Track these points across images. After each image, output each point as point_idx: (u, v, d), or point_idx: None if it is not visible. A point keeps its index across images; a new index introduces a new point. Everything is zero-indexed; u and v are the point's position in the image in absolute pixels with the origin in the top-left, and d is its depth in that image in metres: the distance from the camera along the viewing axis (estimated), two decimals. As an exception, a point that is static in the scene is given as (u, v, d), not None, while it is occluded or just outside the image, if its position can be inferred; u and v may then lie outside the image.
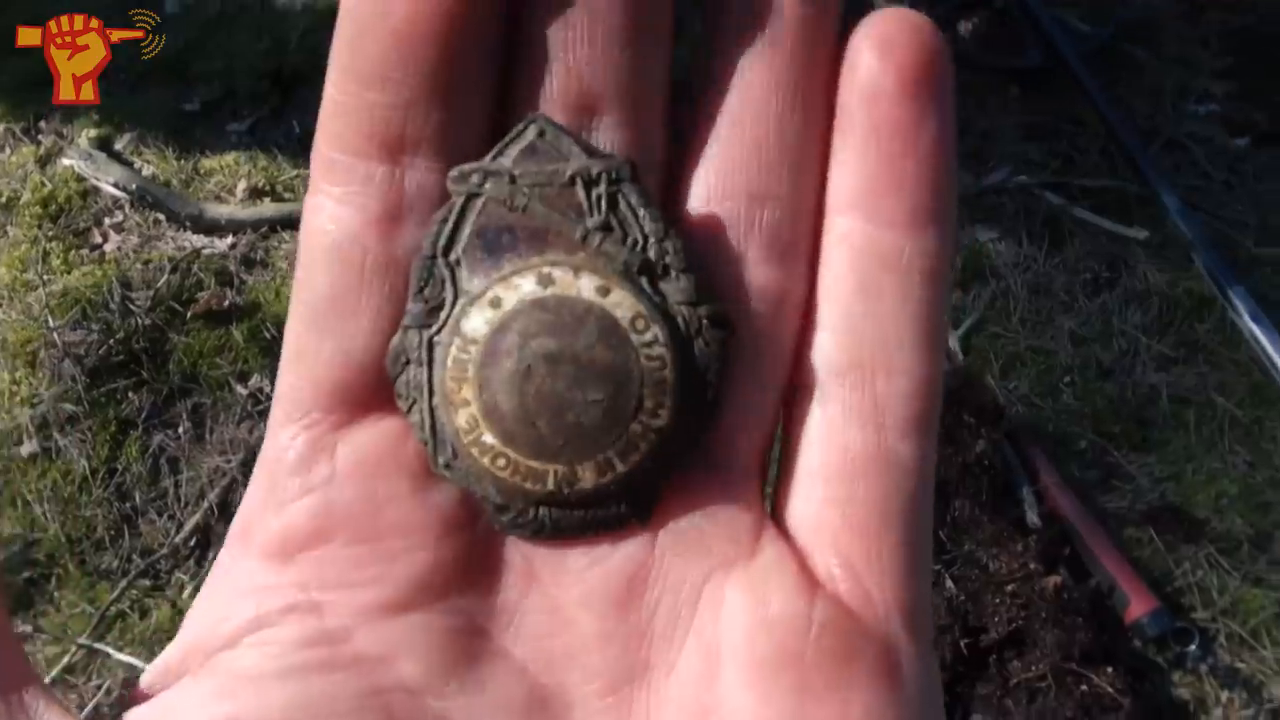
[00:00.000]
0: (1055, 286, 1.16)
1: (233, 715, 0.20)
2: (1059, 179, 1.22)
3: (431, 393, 0.21)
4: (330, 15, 0.21)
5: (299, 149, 1.31)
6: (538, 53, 0.21)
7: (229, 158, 1.30)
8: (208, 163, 1.30)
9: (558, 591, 0.22)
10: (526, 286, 0.21)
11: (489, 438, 0.21)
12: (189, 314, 1.17)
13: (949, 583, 0.96)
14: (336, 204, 0.21)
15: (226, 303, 1.17)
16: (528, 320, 0.21)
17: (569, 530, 0.21)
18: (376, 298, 0.21)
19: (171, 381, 1.13)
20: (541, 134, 0.21)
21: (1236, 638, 0.98)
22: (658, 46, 0.21)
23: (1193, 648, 0.95)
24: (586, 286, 0.21)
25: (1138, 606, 0.95)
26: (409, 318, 0.21)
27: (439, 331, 0.21)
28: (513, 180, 0.21)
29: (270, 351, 1.15)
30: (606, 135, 0.21)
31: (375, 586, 0.21)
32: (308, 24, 1.37)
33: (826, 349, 0.22)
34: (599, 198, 0.21)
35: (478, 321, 0.21)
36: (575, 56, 0.21)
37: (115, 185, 1.25)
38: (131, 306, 1.17)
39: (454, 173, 0.21)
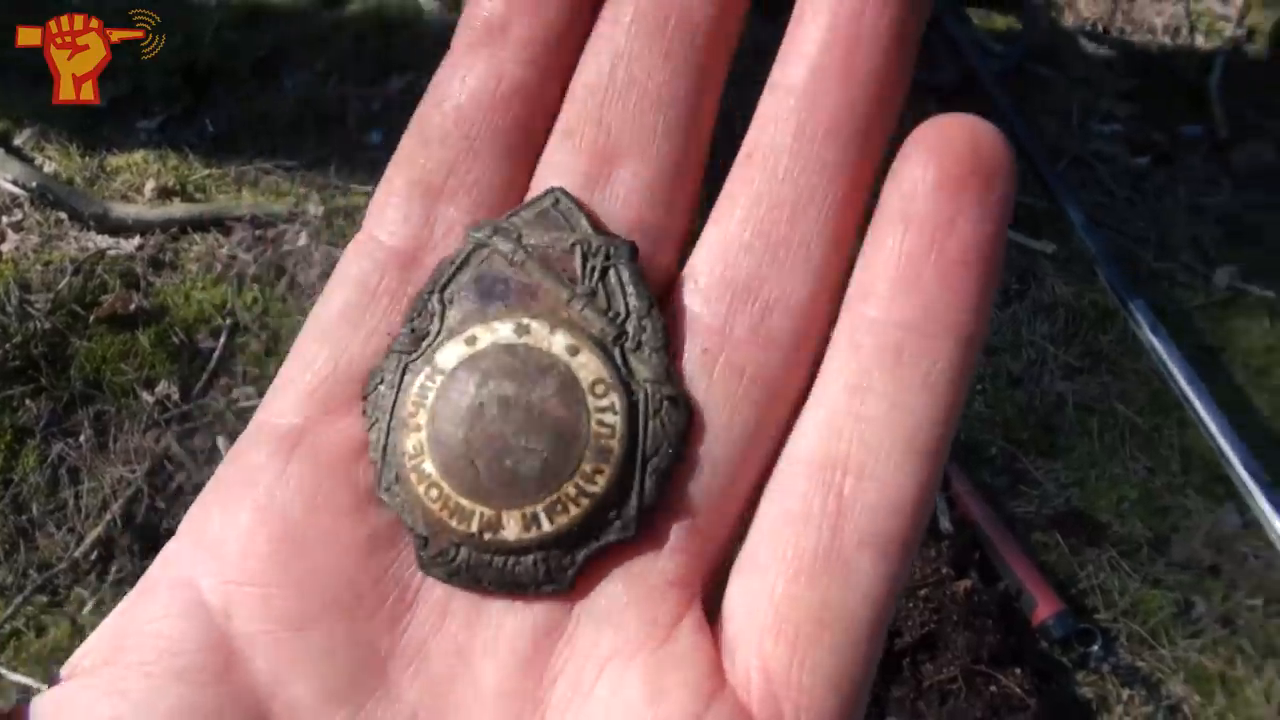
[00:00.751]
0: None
1: (115, 718, 0.19)
2: (972, 193, 1.26)
3: (392, 414, 0.22)
4: (245, 11, 0.22)
5: (212, 148, 1.27)
6: (574, 105, 0.23)
7: (137, 156, 1.25)
8: (114, 160, 1.25)
9: (467, 636, 0.21)
10: (503, 331, 0.22)
11: (429, 466, 0.21)
12: (92, 318, 1.12)
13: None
14: (369, 238, 0.23)
15: (132, 306, 1.13)
16: (494, 362, 0.22)
17: (485, 580, 0.21)
18: (378, 318, 0.22)
19: (73, 388, 1.09)
20: (556, 203, 0.22)
21: (1136, 637, 1.01)
22: (698, 112, 0.22)
23: (1095, 648, 0.99)
24: (558, 343, 0.22)
25: (1044, 609, 0.98)
26: (395, 343, 0.22)
27: (415, 359, 0.22)
28: (519, 238, 0.22)
29: (178, 357, 1.11)
30: (621, 187, 0.22)
31: (285, 594, 0.21)
32: (221, 19, 1.33)
33: (806, 439, 0.21)
34: (593, 269, 0.22)
35: (450, 355, 0.22)
36: (609, 113, 0.22)
37: (14, 182, 1.19)
38: (30, 310, 1.12)
39: (472, 224, 0.23)
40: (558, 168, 0.23)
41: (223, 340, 1.12)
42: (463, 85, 0.23)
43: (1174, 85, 1.35)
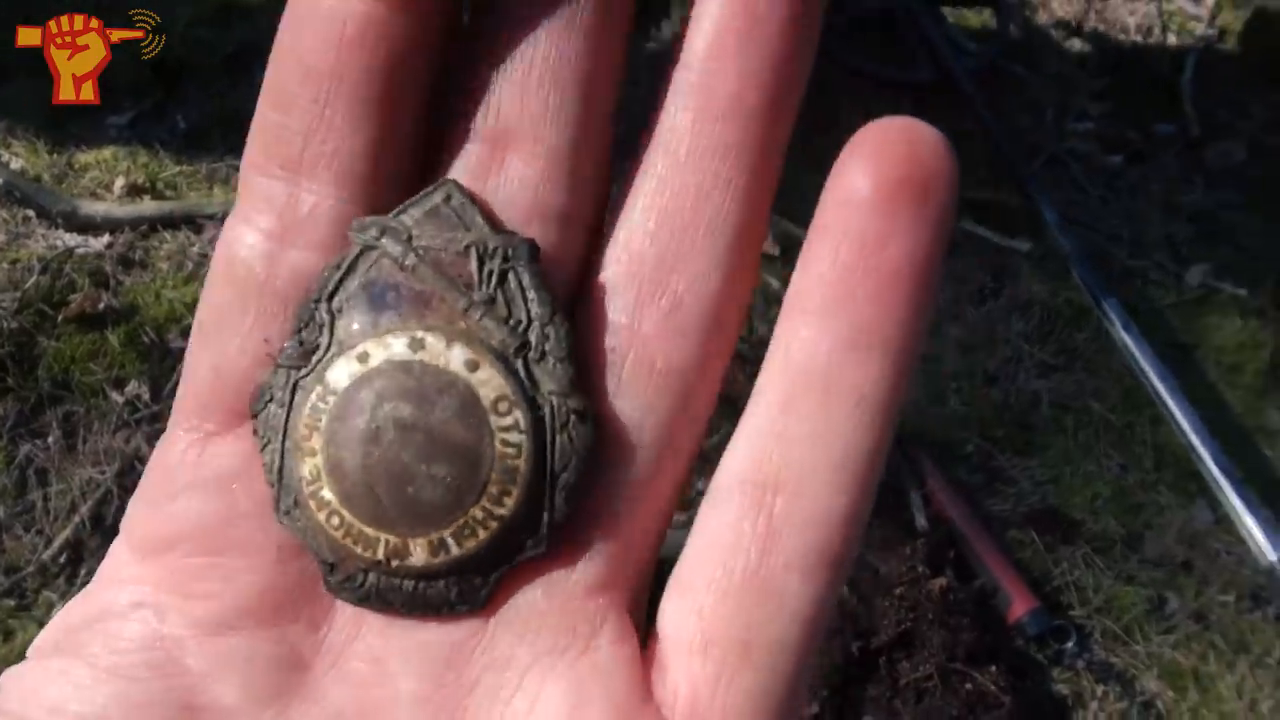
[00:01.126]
0: (943, 296, 1.20)
1: (56, 705, 0.20)
2: (948, 191, 1.26)
3: (285, 436, 0.21)
4: (216, 6, 0.20)
5: (183, 145, 1.26)
6: (462, 85, 0.21)
7: (106, 152, 1.23)
8: (83, 157, 1.23)
9: (382, 644, 0.21)
10: (396, 347, 0.21)
11: (327, 493, 0.21)
12: (60, 317, 1.10)
13: (843, 587, 0.97)
14: (239, 222, 0.21)
15: (101, 305, 1.11)
16: (389, 381, 0.20)
17: (396, 603, 0.21)
18: (250, 317, 0.21)
19: (41, 388, 1.07)
20: (448, 199, 0.21)
21: (1110, 634, 1.02)
22: (596, 89, 0.21)
23: (1070, 645, 0.99)
24: (456, 358, 0.20)
25: (1019, 606, 0.99)
26: (283, 356, 0.21)
27: (305, 375, 0.21)
28: (409, 240, 0.21)
29: (148, 357, 1.09)
30: (514, 172, 0.21)
31: (209, 601, 0.21)
32: (193, 15, 1.31)
33: (738, 457, 0.20)
34: (490, 272, 0.21)
35: (341, 373, 0.21)
36: (498, 92, 0.20)
37: (-21, 179, 1.17)
38: (-4, 309, 1.10)
39: (355, 222, 0.21)
40: (455, 155, 0.21)
41: (194, 340, 1.10)
42: (303, 33, 0.20)
43: (1147, 84, 1.36)
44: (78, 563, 1.00)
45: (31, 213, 1.18)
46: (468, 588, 0.21)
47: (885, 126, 0.19)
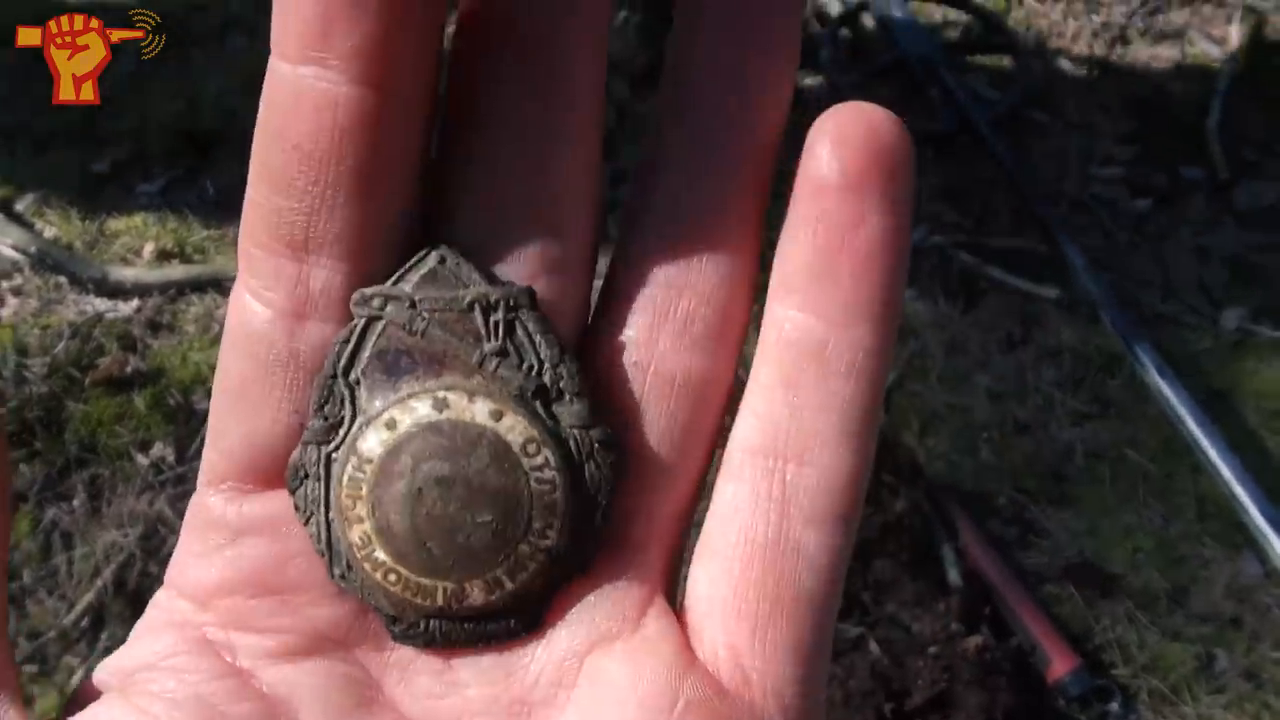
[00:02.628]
0: (971, 345, 1.18)
1: None
2: (972, 239, 1.25)
3: (328, 507, 0.22)
4: (246, 75, 0.20)
5: (212, 210, 1.28)
6: (457, 165, 0.22)
7: (137, 219, 1.26)
8: (115, 224, 1.26)
9: (447, 654, 0.23)
10: (422, 410, 0.22)
11: (381, 554, 0.22)
12: (88, 381, 1.12)
13: (873, 645, 0.94)
14: (251, 296, 0.22)
15: (129, 369, 1.12)
16: (422, 444, 0.22)
17: (459, 642, 0.22)
18: (278, 390, 0.22)
19: (68, 452, 1.08)
20: (442, 260, 0.22)
21: (1157, 694, 0.98)
22: (580, 165, 0.22)
23: (1114, 706, 0.95)
24: (480, 411, 0.22)
25: (1059, 665, 0.95)
26: (308, 434, 0.22)
27: (336, 449, 0.22)
28: (413, 305, 0.22)
29: (174, 419, 1.10)
30: (517, 250, 0.22)
31: (279, 635, 0.22)
32: (223, 84, 1.35)
33: (747, 432, 0.22)
34: (496, 324, 0.22)
35: (373, 442, 0.22)
36: (496, 176, 0.22)
37: (13, 248, 1.20)
38: (26, 374, 1.12)
39: (356, 296, 0.22)
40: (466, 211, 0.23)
41: (218, 401, 1.11)
42: (293, 118, 0.21)
43: (1172, 127, 1.35)
44: (99, 627, 1.00)
45: (64, 279, 1.20)
46: (526, 617, 0.22)
47: (843, 113, 0.21)
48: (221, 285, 1.21)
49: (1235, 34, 1.40)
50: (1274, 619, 1.01)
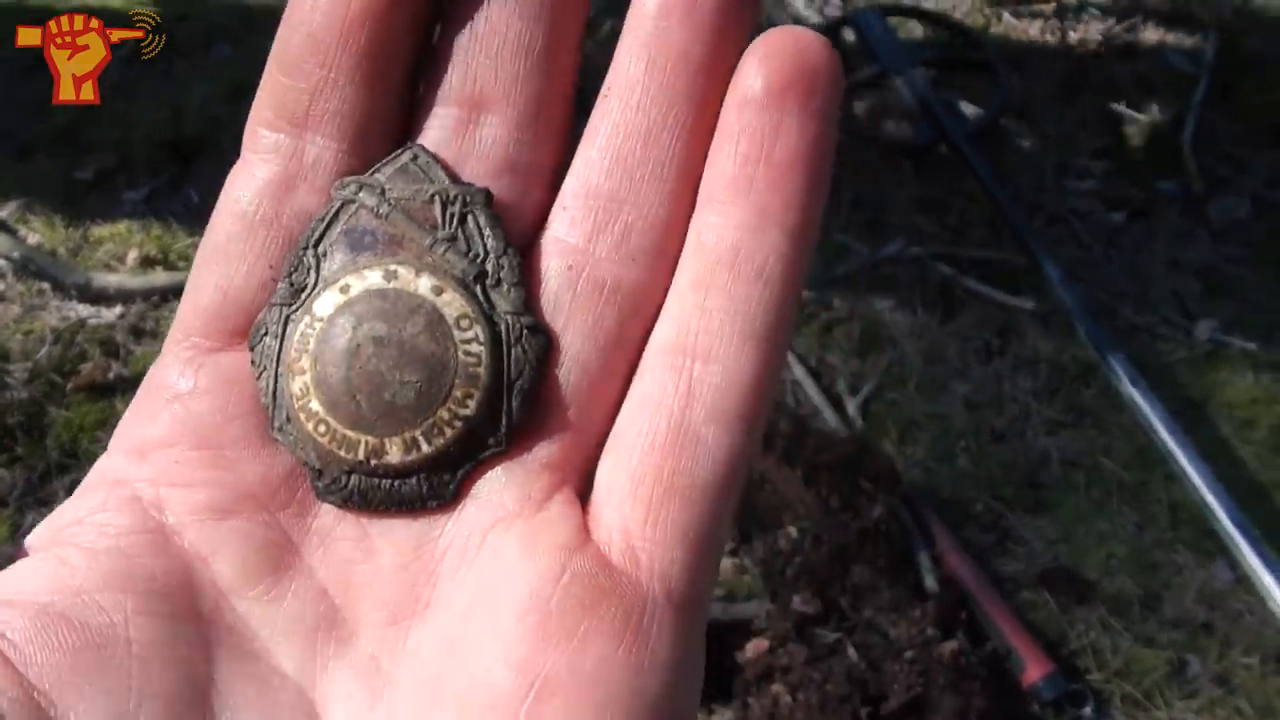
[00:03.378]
0: (949, 354, 1.19)
1: (59, 577, 0.21)
2: (950, 250, 1.26)
3: (278, 362, 0.24)
4: (231, 85, 0.23)
5: (195, 218, 1.28)
6: (443, 57, 0.24)
7: (121, 226, 1.26)
8: (98, 231, 1.26)
9: (365, 526, 0.24)
10: (373, 278, 0.24)
11: (315, 404, 0.24)
12: (70, 386, 1.12)
13: (850, 650, 0.95)
14: (248, 167, 0.24)
15: (111, 374, 1.12)
16: (366, 306, 0.24)
17: (375, 502, 0.24)
18: (257, 246, 0.24)
19: (49, 457, 1.08)
20: (415, 158, 0.24)
21: (1130, 699, 0.99)
22: (557, 60, 0.24)
23: (1088, 710, 0.96)
24: (424, 285, 0.24)
25: (1034, 670, 0.96)
26: (275, 296, 0.24)
27: (295, 310, 0.24)
28: (383, 193, 0.24)
29: (156, 425, 1.10)
30: (489, 131, 0.24)
31: (208, 489, 0.23)
32: (207, 93, 1.36)
33: (662, 331, 0.24)
34: (451, 215, 0.24)
35: (327, 302, 0.24)
36: (474, 63, 0.24)
37: (-4, 254, 1.20)
38: (8, 379, 1.12)
39: (337, 182, 0.24)
40: (434, 116, 0.25)
41: (200, 407, 1.11)
42: (314, 8, 0.24)
43: (1147, 142, 1.37)
44: (78, 632, 1.00)
45: (46, 285, 1.21)
46: (438, 483, 0.24)
47: (773, 34, 0.22)
48: (205, 292, 1.21)
49: (1209, 50, 1.43)
50: (1245, 625, 1.02)
